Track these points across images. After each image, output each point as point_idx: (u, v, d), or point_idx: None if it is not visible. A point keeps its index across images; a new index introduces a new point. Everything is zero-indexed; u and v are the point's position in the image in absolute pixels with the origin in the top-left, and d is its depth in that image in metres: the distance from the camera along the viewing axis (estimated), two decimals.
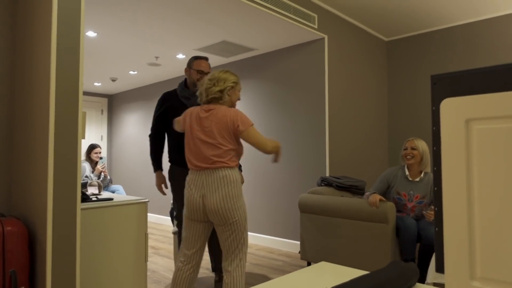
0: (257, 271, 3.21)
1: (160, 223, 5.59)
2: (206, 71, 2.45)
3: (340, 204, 2.93)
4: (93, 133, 6.62)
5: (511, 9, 3.68)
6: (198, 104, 2.20)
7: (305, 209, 3.16)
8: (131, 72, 5.18)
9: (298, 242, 3.84)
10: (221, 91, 1.94)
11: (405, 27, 4.23)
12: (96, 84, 5.95)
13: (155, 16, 3.14)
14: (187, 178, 2.00)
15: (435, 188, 1.06)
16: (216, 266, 2.73)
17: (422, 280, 2.50)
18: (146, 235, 2.49)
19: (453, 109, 0.96)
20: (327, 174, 3.64)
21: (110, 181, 4.85)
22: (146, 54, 4.32)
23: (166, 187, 2.66)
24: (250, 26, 3.39)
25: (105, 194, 2.75)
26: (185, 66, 4.84)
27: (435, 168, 1.04)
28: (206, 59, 2.48)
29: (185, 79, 2.54)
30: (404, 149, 2.86)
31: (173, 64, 4.76)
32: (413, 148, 2.80)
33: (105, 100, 6.78)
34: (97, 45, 3.94)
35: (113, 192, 4.66)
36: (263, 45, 3.99)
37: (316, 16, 3.55)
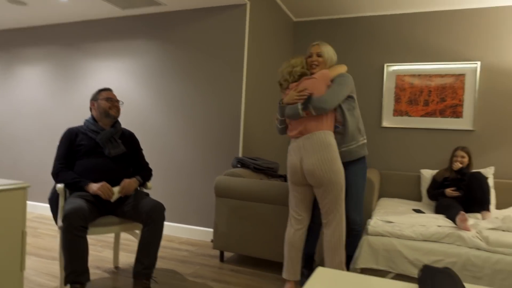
0: (162, 264, 2.75)
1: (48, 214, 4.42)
2: (115, 99, 2.44)
3: (266, 188, 2.68)
4: None
5: (413, 8, 3.99)
6: (109, 139, 2.33)
7: (223, 193, 2.82)
8: None
9: (205, 229, 3.48)
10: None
11: (314, 9, 4.16)
12: None
13: None
14: None
15: None
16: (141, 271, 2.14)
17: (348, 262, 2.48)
18: (23, 233, 1.78)
19: None
20: (240, 155, 3.36)
21: None
22: None
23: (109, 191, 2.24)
24: None
25: None
26: (63, 9, 3.83)
27: None
28: (110, 89, 2.49)
29: (92, 116, 2.43)
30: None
31: (46, 4, 3.68)
32: None
33: None
34: None
35: None
36: (172, 0, 3.38)
37: None
